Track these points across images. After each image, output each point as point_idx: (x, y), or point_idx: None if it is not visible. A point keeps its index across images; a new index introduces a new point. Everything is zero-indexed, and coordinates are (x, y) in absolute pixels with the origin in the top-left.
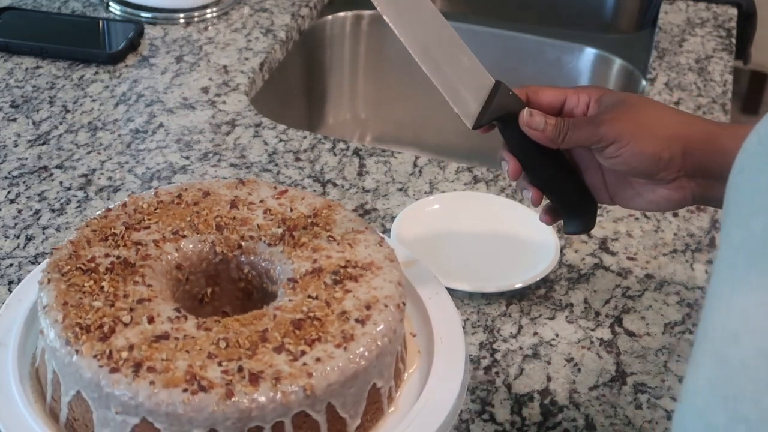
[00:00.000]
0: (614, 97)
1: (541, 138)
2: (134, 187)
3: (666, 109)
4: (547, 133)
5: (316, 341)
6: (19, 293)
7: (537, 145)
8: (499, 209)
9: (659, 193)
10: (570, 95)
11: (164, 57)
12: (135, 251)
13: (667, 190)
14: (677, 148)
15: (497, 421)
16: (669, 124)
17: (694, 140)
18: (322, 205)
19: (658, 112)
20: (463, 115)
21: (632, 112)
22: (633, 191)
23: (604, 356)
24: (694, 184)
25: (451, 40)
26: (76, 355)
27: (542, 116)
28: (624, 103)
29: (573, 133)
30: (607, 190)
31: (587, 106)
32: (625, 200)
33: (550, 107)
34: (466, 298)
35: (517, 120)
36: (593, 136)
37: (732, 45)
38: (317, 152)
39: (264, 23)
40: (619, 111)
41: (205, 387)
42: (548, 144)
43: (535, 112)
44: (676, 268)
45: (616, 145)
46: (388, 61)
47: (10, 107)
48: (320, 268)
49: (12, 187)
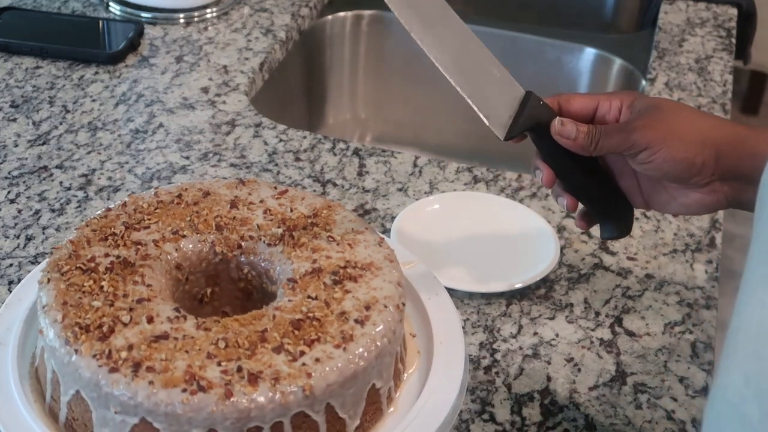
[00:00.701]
0: (646, 102)
1: (573, 146)
2: (134, 187)
3: (697, 114)
4: (579, 141)
5: (315, 341)
6: (19, 293)
7: (570, 153)
8: (499, 209)
9: (693, 197)
10: (602, 101)
11: (164, 57)
12: (135, 251)
13: (701, 194)
14: (709, 153)
15: (497, 421)
16: (701, 129)
17: (725, 144)
18: (322, 206)
19: (690, 118)
20: (494, 126)
21: (664, 118)
22: (667, 195)
23: (604, 356)
24: (727, 187)
25: (479, 51)
26: (75, 355)
27: (574, 125)
28: (656, 109)
29: (605, 140)
30: (641, 195)
31: (619, 111)
32: (660, 205)
33: (582, 114)
34: (466, 298)
35: (549, 129)
36: (625, 142)
37: (732, 45)
38: (317, 152)
39: (264, 23)
40: (651, 117)
41: (204, 387)
42: (581, 152)
43: (567, 120)
44: (676, 268)
45: (648, 151)
46: (388, 61)
47: (10, 107)
48: (320, 268)
49: (12, 187)
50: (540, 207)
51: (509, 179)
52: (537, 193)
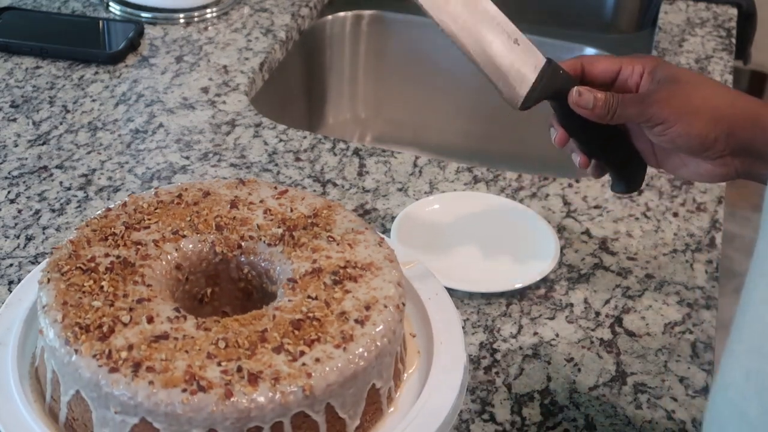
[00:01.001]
0: (667, 72)
1: (590, 116)
2: (134, 187)
3: (715, 88)
4: (596, 111)
5: (315, 341)
6: (19, 293)
7: (586, 120)
8: (499, 209)
9: (704, 167)
10: (625, 65)
11: (164, 57)
12: (135, 251)
13: (712, 166)
14: (722, 129)
15: (497, 421)
16: (717, 105)
17: (738, 121)
18: (322, 206)
19: (708, 93)
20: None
21: (682, 93)
22: (680, 161)
23: (604, 356)
24: (738, 161)
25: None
26: (75, 355)
27: (591, 94)
28: (675, 82)
29: (622, 110)
30: (655, 157)
31: (641, 76)
32: (672, 168)
33: (605, 76)
34: (466, 298)
35: (567, 98)
36: (642, 115)
37: (732, 45)
38: (317, 152)
39: (264, 23)
40: (669, 91)
41: (204, 387)
42: (598, 120)
43: (584, 90)
44: (676, 268)
45: (663, 125)
46: (388, 61)
47: (10, 107)
48: (320, 268)
49: (12, 187)
50: (540, 207)
51: (509, 179)
52: (537, 193)
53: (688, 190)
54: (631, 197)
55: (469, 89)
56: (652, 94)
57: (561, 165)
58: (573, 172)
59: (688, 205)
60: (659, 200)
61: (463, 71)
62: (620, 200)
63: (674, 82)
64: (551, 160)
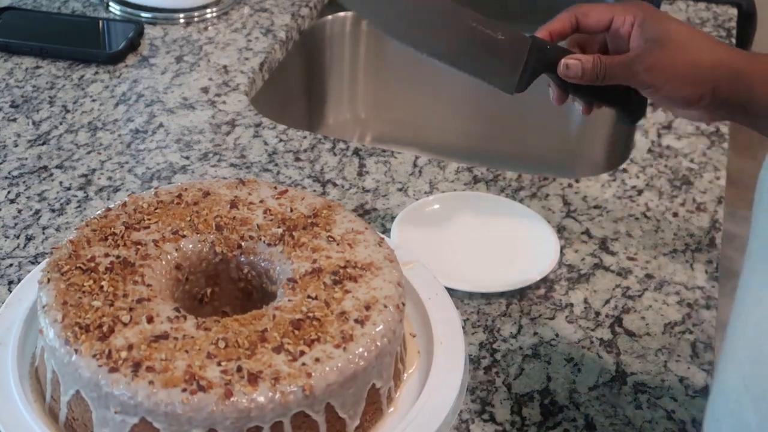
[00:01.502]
0: (655, 30)
1: (581, 82)
2: (134, 187)
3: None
4: (585, 78)
5: (315, 341)
6: (19, 293)
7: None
8: (499, 209)
9: (693, 114)
10: (617, 15)
11: (164, 57)
12: (135, 251)
13: (699, 114)
14: (707, 89)
15: (497, 421)
16: (703, 66)
17: (723, 81)
18: (322, 205)
19: (693, 57)
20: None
21: (667, 59)
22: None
23: (604, 356)
24: (724, 111)
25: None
26: (75, 355)
27: (578, 64)
28: (661, 45)
29: (611, 75)
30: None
31: (632, 26)
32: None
33: (599, 26)
34: (466, 298)
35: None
36: (630, 80)
37: (732, 45)
38: (317, 152)
39: (264, 23)
40: (655, 57)
41: (204, 387)
42: (589, 84)
43: (571, 62)
44: (676, 268)
45: (651, 89)
46: (388, 61)
47: (10, 107)
48: (320, 268)
49: (12, 187)
50: (540, 207)
51: (509, 179)
52: (537, 193)
53: (688, 190)
54: (631, 197)
55: (469, 89)
56: (638, 61)
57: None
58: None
59: (688, 205)
60: (659, 200)
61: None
62: (620, 200)
63: (660, 45)
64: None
